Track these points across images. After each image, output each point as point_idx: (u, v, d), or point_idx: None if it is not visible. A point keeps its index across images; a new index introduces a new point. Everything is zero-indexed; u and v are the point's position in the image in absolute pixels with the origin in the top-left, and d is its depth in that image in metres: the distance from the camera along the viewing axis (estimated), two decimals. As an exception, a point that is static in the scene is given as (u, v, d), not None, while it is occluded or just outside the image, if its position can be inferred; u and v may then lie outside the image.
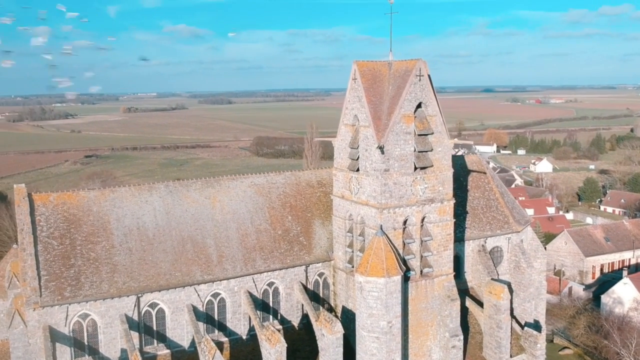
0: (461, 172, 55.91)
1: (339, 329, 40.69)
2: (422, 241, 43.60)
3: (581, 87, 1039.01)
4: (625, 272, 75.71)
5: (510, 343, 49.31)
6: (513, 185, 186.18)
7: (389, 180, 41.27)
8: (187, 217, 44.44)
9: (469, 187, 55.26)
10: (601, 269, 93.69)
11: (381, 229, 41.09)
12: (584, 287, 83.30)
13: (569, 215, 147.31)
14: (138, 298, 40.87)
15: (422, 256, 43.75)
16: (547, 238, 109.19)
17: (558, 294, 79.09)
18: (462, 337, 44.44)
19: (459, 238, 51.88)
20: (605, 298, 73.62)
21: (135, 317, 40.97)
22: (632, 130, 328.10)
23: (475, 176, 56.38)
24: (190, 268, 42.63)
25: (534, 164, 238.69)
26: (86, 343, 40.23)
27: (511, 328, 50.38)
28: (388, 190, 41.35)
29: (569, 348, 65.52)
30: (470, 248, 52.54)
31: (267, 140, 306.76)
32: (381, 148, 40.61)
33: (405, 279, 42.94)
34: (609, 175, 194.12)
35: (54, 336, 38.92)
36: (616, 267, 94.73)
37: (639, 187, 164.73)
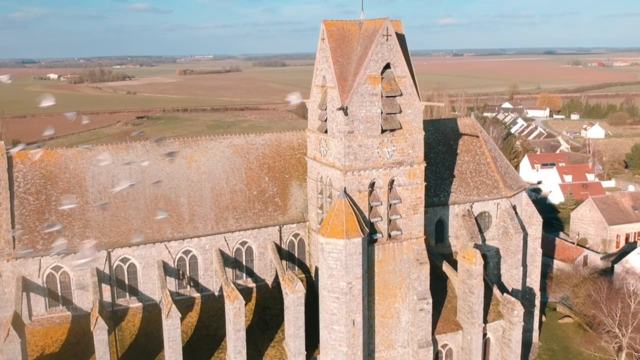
0: (452, 135, 55.03)
1: (299, 288, 41.24)
2: (390, 204, 43.31)
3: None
4: (640, 242, 73.12)
5: (489, 309, 48.98)
6: (557, 151, 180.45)
7: (353, 143, 40.96)
8: (162, 176, 45.47)
9: (459, 150, 54.26)
10: (626, 239, 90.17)
11: (344, 191, 41.03)
12: (601, 256, 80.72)
13: (610, 183, 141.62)
14: (109, 253, 42.50)
15: (390, 219, 43.50)
16: (578, 205, 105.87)
17: (572, 262, 77.05)
18: (430, 301, 44.23)
19: (443, 202, 51.35)
20: (618, 267, 71.20)
21: (107, 271, 42.67)
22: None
23: (467, 140, 55.24)
24: (161, 225, 43.85)
25: (585, 129, 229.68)
26: (60, 294, 42.29)
27: (492, 294, 49.96)
28: (352, 153, 41.09)
29: (569, 317, 64.15)
30: (455, 212, 51.87)
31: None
32: (344, 109, 40.23)
33: (372, 241, 42.94)
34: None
35: (28, 286, 41.11)
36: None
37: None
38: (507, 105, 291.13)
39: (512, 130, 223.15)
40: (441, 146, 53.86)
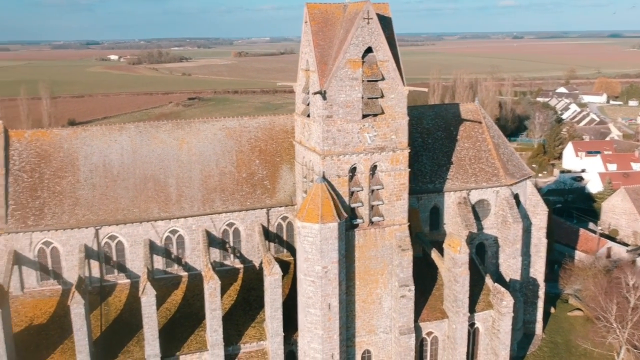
0: (452, 121, 54.04)
1: (276, 270, 41.67)
2: (372, 190, 42.99)
3: None
4: (663, 235, 69.91)
5: (480, 298, 48.26)
6: (607, 138, 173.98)
7: (332, 127, 40.76)
8: (152, 157, 46.56)
9: (459, 137, 53.22)
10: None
11: (323, 176, 40.99)
12: (627, 248, 77.67)
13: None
14: (97, 230, 43.94)
15: (371, 205, 43.21)
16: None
17: (594, 253, 74.49)
18: (412, 288, 43.78)
19: (438, 189, 50.60)
20: (640, 261, 68.67)
21: (95, 248, 44.17)
22: None
23: (469, 126, 54.11)
24: (148, 205, 45.01)
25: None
26: (50, 268, 44.08)
27: (484, 283, 49.15)
28: (331, 137, 40.91)
29: (580, 310, 62.29)
30: (451, 199, 51.04)
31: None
32: (322, 93, 40.07)
33: (352, 226, 42.81)
34: None
35: (21, 260, 43.07)
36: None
37: None
38: (562, 90, 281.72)
39: (564, 117, 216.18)
40: (440, 132, 52.95)
